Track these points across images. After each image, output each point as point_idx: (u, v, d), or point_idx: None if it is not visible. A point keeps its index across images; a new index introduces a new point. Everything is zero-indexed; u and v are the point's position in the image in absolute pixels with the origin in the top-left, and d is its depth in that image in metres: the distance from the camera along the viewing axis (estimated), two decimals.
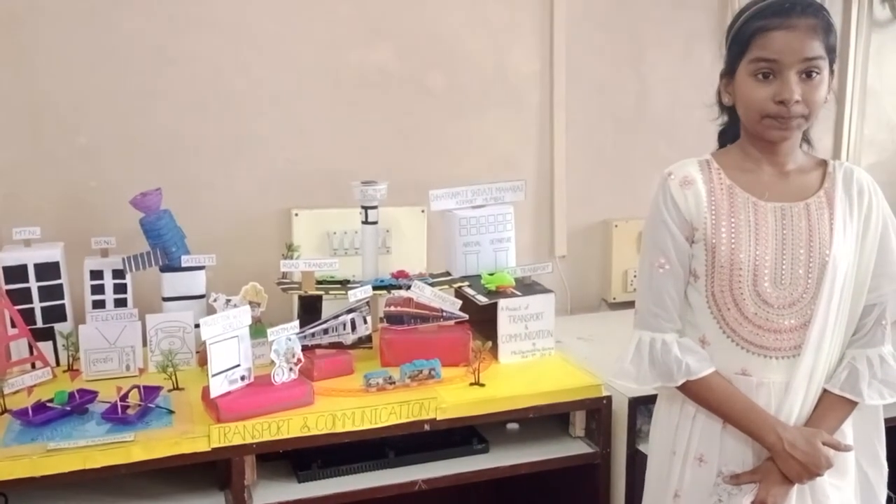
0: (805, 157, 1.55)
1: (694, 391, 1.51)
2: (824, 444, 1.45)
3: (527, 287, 2.11)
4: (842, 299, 1.48)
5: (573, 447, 1.95)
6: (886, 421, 1.60)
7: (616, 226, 2.64)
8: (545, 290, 2.10)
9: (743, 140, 1.54)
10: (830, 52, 1.44)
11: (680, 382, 1.50)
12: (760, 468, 1.48)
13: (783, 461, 1.45)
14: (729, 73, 1.50)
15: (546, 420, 1.97)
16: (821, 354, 1.47)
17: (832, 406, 1.49)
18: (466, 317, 2.00)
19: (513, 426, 2.03)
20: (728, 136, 1.59)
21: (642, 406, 1.88)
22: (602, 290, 2.71)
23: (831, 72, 1.46)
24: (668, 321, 1.53)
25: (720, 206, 1.50)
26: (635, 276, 2.63)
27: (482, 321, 2.03)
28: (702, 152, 1.58)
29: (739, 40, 1.46)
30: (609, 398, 1.89)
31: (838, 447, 1.47)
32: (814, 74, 1.42)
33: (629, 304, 2.58)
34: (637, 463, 1.86)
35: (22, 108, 2.10)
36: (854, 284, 1.49)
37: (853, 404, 1.49)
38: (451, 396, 1.81)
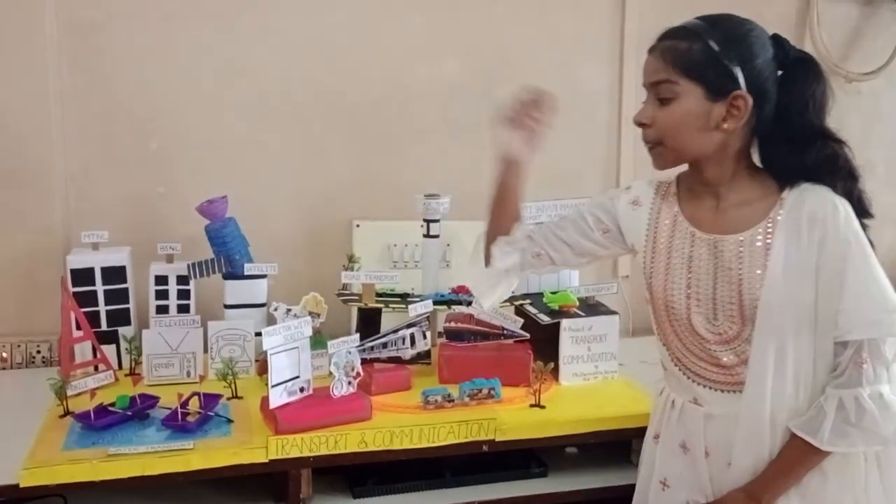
0: (759, 185, 1.40)
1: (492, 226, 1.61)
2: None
3: (590, 308, 2.06)
4: (792, 338, 1.34)
5: (634, 475, 1.86)
6: None
7: None
8: (610, 312, 2.05)
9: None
10: (701, 77, 1.32)
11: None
12: (720, 500, 1.43)
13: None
14: None
15: (606, 445, 1.91)
16: (765, 392, 1.36)
17: (794, 447, 1.36)
18: (528, 336, 1.96)
19: (571, 450, 1.98)
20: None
21: None
22: None
23: (721, 98, 1.32)
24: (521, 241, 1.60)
25: (660, 236, 1.47)
26: None
27: (543, 341, 1.99)
28: None
29: None
30: None
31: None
32: (665, 98, 1.36)
33: None
34: None
35: (96, 113, 2.14)
36: (815, 321, 1.34)
37: (818, 448, 1.34)
38: (511, 417, 1.77)
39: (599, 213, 1.56)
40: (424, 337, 1.94)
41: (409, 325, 1.93)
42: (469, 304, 1.97)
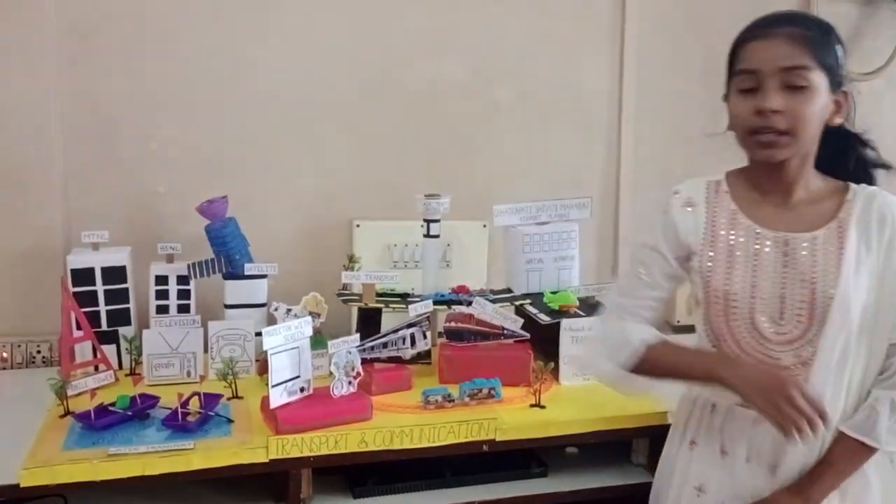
0: (822, 183, 1.43)
1: (644, 367, 1.44)
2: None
3: (591, 307, 2.06)
4: (854, 338, 1.36)
5: (634, 475, 1.89)
6: None
7: None
8: None
9: (749, 164, 1.45)
10: (827, 67, 1.33)
11: (627, 360, 1.43)
12: (766, 500, 1.41)
13: (742, 387, 1.32)
14: (726, 95, 1.44)
15: (606, 445, 1.91)
16: (824, 394, 1.36)
17: (846, 448, 1.38)
18: (528, 336, 1.96)
19: (572, 450, 1.98)
20: None
21: None
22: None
23: (835, 91, 1.34)
24: (632, 315, 1.48)
25: (718, 233, 1.43)
26: None
27: (543, 341, 1.99)
28: None
29: (730, 58, 1.42)
30: None
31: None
32: (800, 86, 1.32)
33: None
34: None
35: (96, 113, 2.14)
36: (874, 321, 1.36)
37: (870, 448, 1.37)
38: (511, 417, 1.77)
39: (668, 237, 1.47)
40: (424, 337, 1.94)
41: (410, 325, 1.93)
42: (469, 303, 1.97)
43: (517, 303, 2.09)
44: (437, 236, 2.13)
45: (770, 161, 1.37)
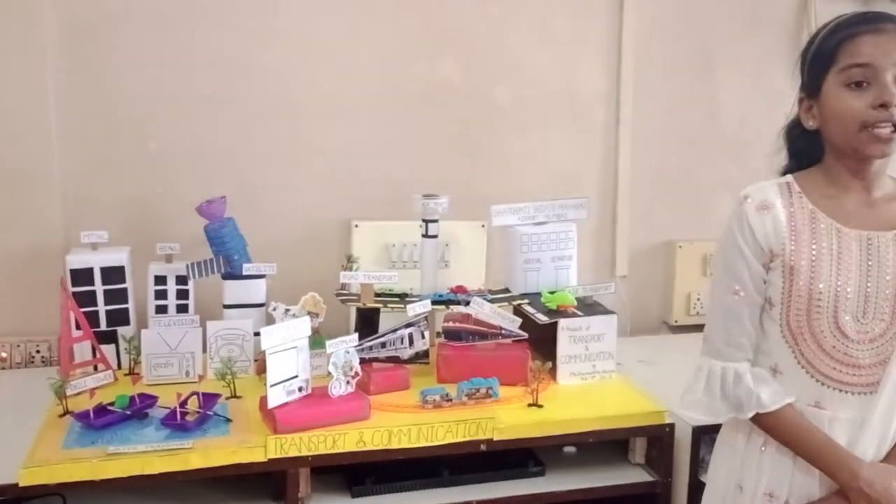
0: (892, 181, 1.46)
1: (765, 424, 1.45)
2: None
3: (588, 307, 2.07)
4: None
5: (632, 474, 1.90)
6: None
7: (680, 247, 2.57)
8: (607, 311, 2.05)
9: (828, 163, 1.44)
10: None
11: (750, 415, 1.44)
12: (828, 499, 1.41)
13: (855, 499, 1.37)
14: (812, 93, 1.42)
15: (604, 444, 1.92)
16: None
17: None
18: (526, 335, 1.96)
19: (569, 449, 1.99)
20: (795, 167, 1.51)
21: (706, 435, 1.82)
22: (663, 313, 2.64)
23: None
24: (740, 350, 1.46)
25: (801, 231, 1.42)
26: (699, 300, 2.58)
27: (541, 340, 1.99)
28: (772, 174, 1.52)
29: (823, 54, 1.39)
30: (672, 426, 1.84)
31: None
32: None
33: (691, 328, 2.55)
34: (699, 494, 1.79)
35: (95, 113, 2.15)
36: None
37: None
38: (509, 417, 1.77)
39: (748, 243, 1.44)
40: (423, 337, 1.95)
41: (408, 325, 1.93)
42: (467, 303, 1.97)
43: (515, 302, 2.10)
44: (435, 236, 2.14)
45: (882, 156, 1.37)
